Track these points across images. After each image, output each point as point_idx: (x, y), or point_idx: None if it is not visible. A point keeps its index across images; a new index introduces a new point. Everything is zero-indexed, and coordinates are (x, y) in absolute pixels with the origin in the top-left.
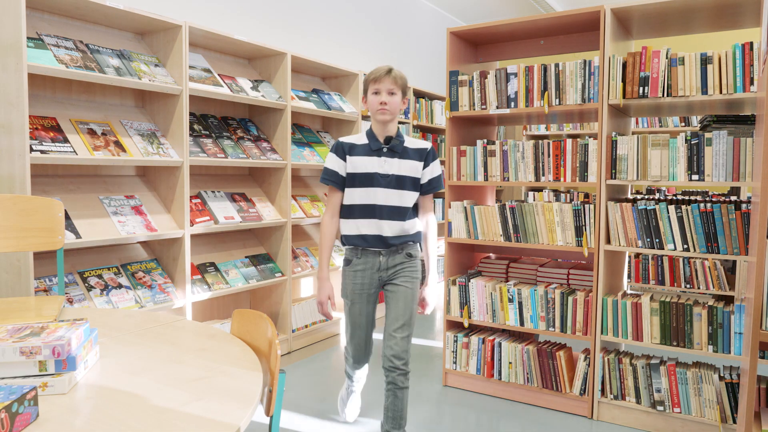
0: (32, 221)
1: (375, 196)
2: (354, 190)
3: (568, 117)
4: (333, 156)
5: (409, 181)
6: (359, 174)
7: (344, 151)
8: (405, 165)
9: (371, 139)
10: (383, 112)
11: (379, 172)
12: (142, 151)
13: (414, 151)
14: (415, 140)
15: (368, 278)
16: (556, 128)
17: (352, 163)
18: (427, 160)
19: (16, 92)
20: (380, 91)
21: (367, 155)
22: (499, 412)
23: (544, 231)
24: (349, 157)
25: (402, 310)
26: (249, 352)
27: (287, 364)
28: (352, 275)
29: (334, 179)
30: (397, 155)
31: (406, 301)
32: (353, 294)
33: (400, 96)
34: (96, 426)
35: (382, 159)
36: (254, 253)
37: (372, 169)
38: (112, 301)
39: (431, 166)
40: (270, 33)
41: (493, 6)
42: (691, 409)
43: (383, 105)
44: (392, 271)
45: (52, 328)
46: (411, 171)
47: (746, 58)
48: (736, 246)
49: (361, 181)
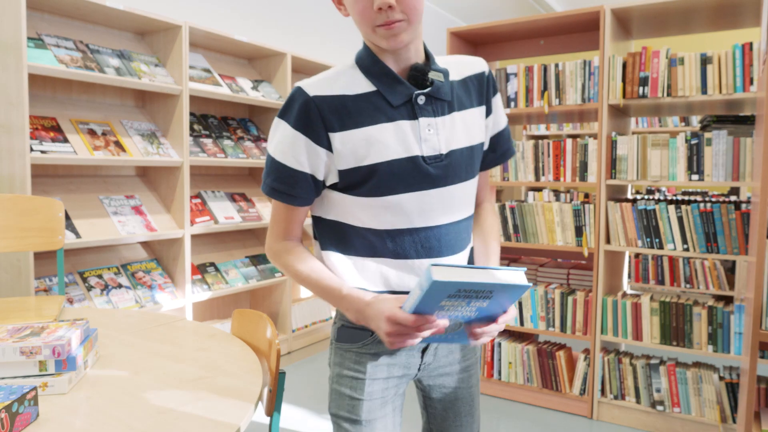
0: (32, 221)
1: (421, 209)
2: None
3: (568, 117)
4: (292, 134)
5: (479, 153)
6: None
7: (323, 121)
8: (465, 123)
9: (382, 78)
10: (392, 31)
11: (423, 155)
12: (142, 151)
13: (466, 86)
14: (458, 59)
15: (401, 367)
16: (556, 128)
17: (353, 146)
18: (488, 99)
19: (16, 92)
20: None
21: (386, 119)
22: (499, 412)
23: (544, 231)
24: (339, 135)
25: (468, 427)
26: (249, 352)
27: (287, 364)
28: (366, 365)
29: (294, 191)
30: (447, 106)
31: (472, 409)
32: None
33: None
34: (96, 426)
35: (422, 122)
36: (254, 253)
37: (406, 150)
38: (112, 301)
39: (495, 107)
40: (270, 33)
41: (493, 6)
42: (691, 409)
43: (389, 11)
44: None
45: (52, 328)
46: (477, 132)
47: (746, 58)
48: (735, 246)
49: (391, 182)
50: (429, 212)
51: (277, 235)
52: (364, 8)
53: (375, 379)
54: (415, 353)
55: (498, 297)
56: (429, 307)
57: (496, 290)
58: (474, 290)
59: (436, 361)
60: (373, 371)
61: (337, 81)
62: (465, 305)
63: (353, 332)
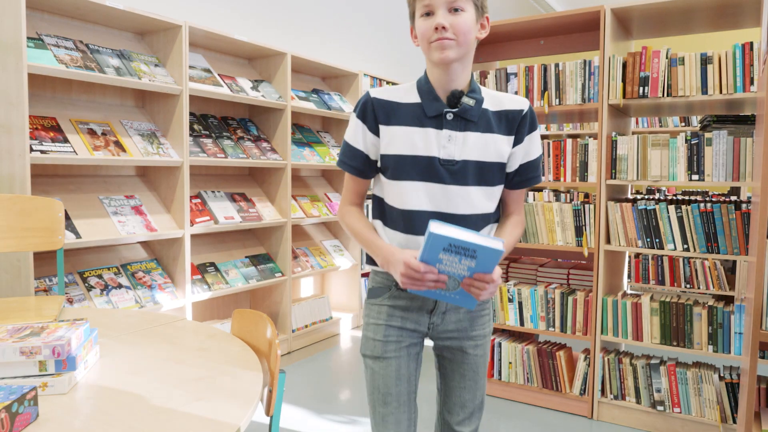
0: (32, 221)
1: (433, 197)
2: (400, 186)
3: (568, 117)
4: (356, 123)
5: (490, 170)
6: (404, 158)
7: (376, 116)
8: (485, 143)
9: (425, 95)
10: (442, 46)
11: (440, 157)
12: (142, 151)
13: (500, 117)
14: (504, 96)
15: (412, 322)
16: (556, 128)
17: (391, 138)
18: (520, 132)
19: (16, 92)
20: (434, 9)
21: (418, 125)
22: (499, 412)
23: (544, 231)
24: (385, 128)
25: (471, 391)
26: (249, 352)
27: (287, 364)
28: (386, 313)
29: (356, 163)
30: (471, 126)
31: (477, 376)
32: (387, 345)
33: (473, 13)
34: (96, 426)
35: (444, 133)
36: (254, 253)
37: (426, 150)
38: (112, 301)
39: (527, 142)
40: (270, 33)
41: (493, 6)
42: (691, 409)
43: (443, 30)
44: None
45: (52, 328)
46: (494, 153)
47: (746, 58)
48: (736, 246)
49: (406, 169)
50: (435, 202)
51: (344, 200)
52: (426, 29)
53: (391, 326)
54: (424, 313)
55: (481, 258)
56: (431, 258)
57: (478, 251)
58: (462, 247)
59: (444, 324)
60: (390, 319)
61: (396, 92)
62: (458, 262)
63: (378, 290)
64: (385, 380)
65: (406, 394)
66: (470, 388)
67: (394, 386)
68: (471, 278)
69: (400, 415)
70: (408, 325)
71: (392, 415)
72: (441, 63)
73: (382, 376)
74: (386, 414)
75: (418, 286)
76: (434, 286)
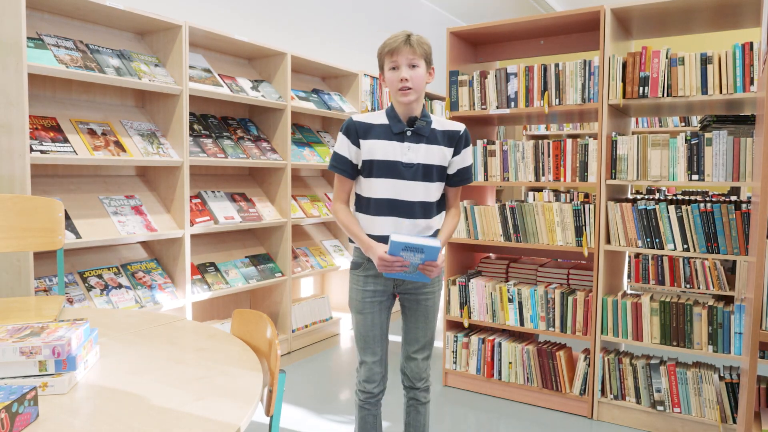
0: (32, 221)
1: (397, 189)
2: (371, 182)
3: (568, 117)
4: (343, 139)
5: (437, 170)
6: (378, 162)
7: (357, 134)
8: (432, 152)
9: (392, 119)
10: (405, 93)
11: (402, 161)
12: (142, 151)
13: (444, 135)
14: (446, 121)
15: (382, 284)
16: (556, 128)
17: (369, 148)
18: (458, 147)
19: (16, 92)
20: (399, 65)
21: (387, 139)
22: (499, 412)
23: (544, 231)
24: (363, 141)
25: (423, 330)
26: (249, 352)
27: (287, 364)
28: (362, 281)
29: (344, 167)
30: (423, 140)
31: (427, 320)
32: (364, 303)
33: (424, 67)
34: (96, 426)
35: (405, 145)
36: (254, 253)
37: (393, 156)
38: (112, 301)
39: (462, 154)
40: (270, 33)
41: (493, 6)
42: (691, 409)
43: (404, 82)
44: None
45: (52, 328)
46: (439, 159)
47: (746, 58)
48: (736, 246)
49: (380, 170)
50: (406, 192)
51: (336, 198)
52: (394, 79)
53: (367, 290)
54: (389, 281)
55: (427, 252)
56: (396, 254)
57: (425, 248)
58: (413, 246)
59: (405, 284)
60: (366, 285)
61: (370, 116)
62: (413, 256)
63: (358, 263)
64: (364, 327)
65: (379, 334)
66: (422, 328)
67: (370, 331)
68: (423, 265)
69: (375, 348)
70: (379, 287)
71: (370, 348)
72: (404, 103)
73: (362, 324)
74: (366, 347)
75: (390, 270)
76: (400, 269)
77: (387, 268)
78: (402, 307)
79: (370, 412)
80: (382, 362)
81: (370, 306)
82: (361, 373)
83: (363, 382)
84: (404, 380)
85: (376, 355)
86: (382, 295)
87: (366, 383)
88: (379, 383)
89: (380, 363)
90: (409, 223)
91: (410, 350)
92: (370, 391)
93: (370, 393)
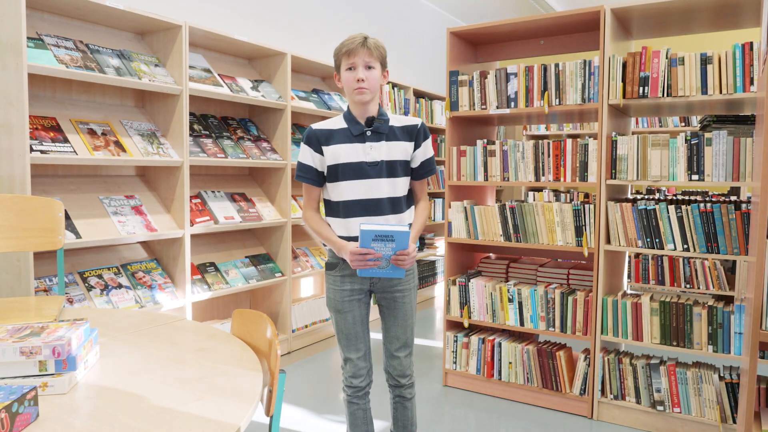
0: (32, 221)
1: (364, 189)
2: (338, 185)
3: (568, 117)
4: (306, 149)
5: (401, 165)
6: (343, 165)
7: (319, 142)
8: (394, 148)
9: (350, 122)
10: (361, 92)
11: (366, 161)
12: (142, 151)
13: (402, 131)
14: (401, 117)
15: (359, 283)
16: (556, 128)
17: (332, 154)
18: (417, 140)
19: (16, 92)
20: (355, 66)
21: (349, 142)
22: (499, 412)
23: (544, 231)
24: (326, 148)
25: (402, 327)
26: (249, 352)
27: (287, 364)
28: (339, 280)
29: (310, 175)
30: (383, 137)
31: (405, 318)
32: (343, 303)
33: (380, 69)
34: (96, 426)
35: (367, 145)
36: (254, 253)
37: (357, 158)
38: (112, 301)
39: (423, 147)
40: (270, 33)
41: (493, 6)
42: (691, 409)
43: (360, 83)
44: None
45: (52, 328)
46: (401, 154)
47: (746, 58)
48: (736, 246)
49: (345, 173)
50: (374, 190)
51: (305, 206)
52: (350, 80)
53: (344, 289)
54: (365, 280)
55: (397, 239)
56: (367, 245)
57: (395, 234)
58: (383, 235)
59: (381, 283)
60: (342, 284)
61: (329, 123)
62: (384, 246)
63: (332, 264)
64: (345, 325)
65: (361, 331)
66: (401, 326)
67: (351, 328)
68: (395, 256)
69: (359, 344)
70: (356, 286)
71: (353, 345)
72: (360, 103)
73: (344, 323)
74: (349, 345)
75: (363, 266)
76: (374, 264)
77: (360, 263)
78: (380, 307)
79: (360, 406)
80: (366, 357)
81: (348, 305)
82: (347, 369)
83: (350, 378)
84: (389, 379)
85: (360, 351)
86: (359, 293)
87: (353, 378)
88: (365, 377)
89: (364, 358)
90: (382, 220)
91: (392, 348)
92: (357, 385)
93: (357, 387)
